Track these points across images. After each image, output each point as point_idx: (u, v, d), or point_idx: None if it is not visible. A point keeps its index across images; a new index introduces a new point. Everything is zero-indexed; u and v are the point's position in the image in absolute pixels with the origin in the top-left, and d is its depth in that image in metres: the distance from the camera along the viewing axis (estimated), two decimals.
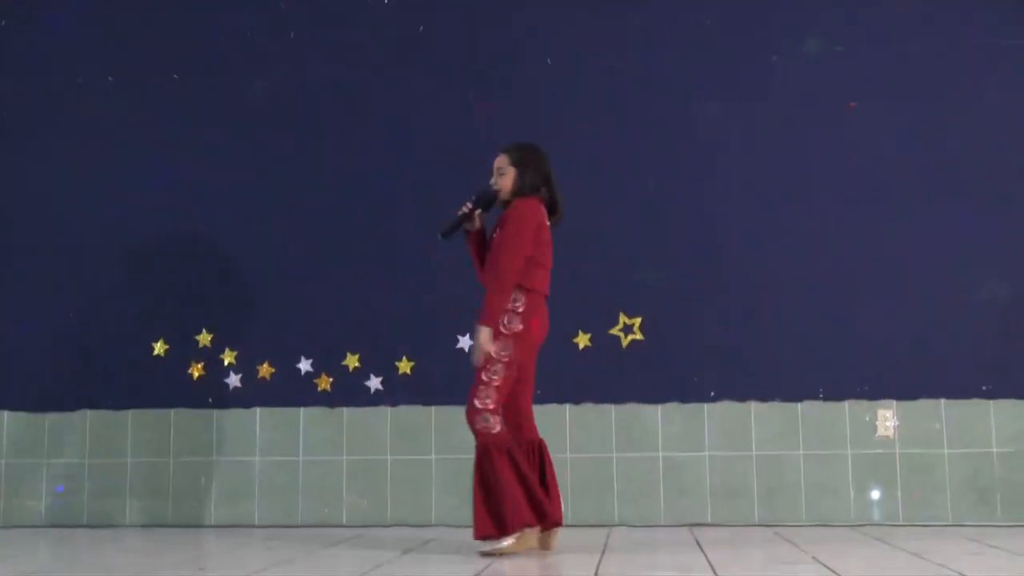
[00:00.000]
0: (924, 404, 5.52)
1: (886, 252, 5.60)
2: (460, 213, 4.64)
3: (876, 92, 5.68)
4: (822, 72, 5.72)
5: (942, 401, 5.51)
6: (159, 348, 5.89)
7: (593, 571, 3.88)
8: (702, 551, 4.43)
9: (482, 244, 4.70)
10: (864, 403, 5.54)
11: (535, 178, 4.59)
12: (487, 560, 4.21)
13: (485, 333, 4.37)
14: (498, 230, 4.57)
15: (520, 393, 4.60)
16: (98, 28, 6.14)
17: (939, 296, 5.56)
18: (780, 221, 5.66)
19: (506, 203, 4.62)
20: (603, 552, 4.44)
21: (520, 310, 4.48)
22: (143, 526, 5.74)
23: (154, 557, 4.44)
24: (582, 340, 5.66)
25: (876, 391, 5.53)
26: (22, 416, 5.93)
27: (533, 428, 4.63)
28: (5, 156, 6.12)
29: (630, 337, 5.66)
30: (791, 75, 5.74)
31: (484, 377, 4.41)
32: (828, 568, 3.87)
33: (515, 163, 4.60)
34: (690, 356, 5.62)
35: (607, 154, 5.77)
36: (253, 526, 5.70)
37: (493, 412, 4.39)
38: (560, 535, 4.60)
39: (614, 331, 5.67)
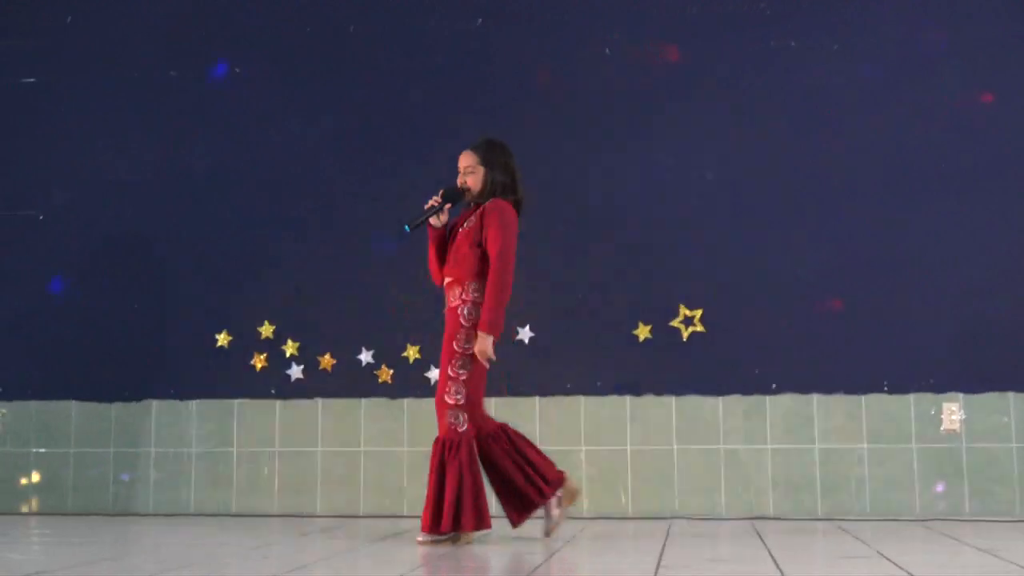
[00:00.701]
0: (991, 397, 5.43)
1: (951, 242, 5.51)
2: (428, 207, 4.63)
3: (951, 77, 5.60)
4: (886, 64, 5.64)
5: (1010, 394, 5.42)
6: (223, 339, 5.96)
7: (655, 563, 3.86)
8: (764, 544, 4.40)
9: (442, 240, 4.67)
10: (929, 396, 5.46)
11: (504, 176, 4.59)
12: (550, 550, 4.21)
13: (488, 342, 4.42)
14: (464, 226, 4.56)
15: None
16: (156, 23, 6.22)
17: (1006, 287, 5.46)
18: (844, 211, 5.59)
19: (477, 204, 4.61)
20: (664, 544, 4.42)
21: (480, 302, 4.49)
22: (207, 515, 5.81)
23: (218, 546, 4.49)
24: (643, 332, 5.64)
25: (942, 384, 5.46)
26: (90, 406, 6.02)
27: (488, 416, 4.62)
28: (77, 151, 6.21)
29: (691, 329, 5.63)
30: (855, 66, 5.66)
31: (451, 372, 4.44)
32: (894, 564, 3.82)
33: (484, 162, 4.60)
34: (752, 348, 5.58)
35: (665, 145, 5.74)
36: (315, 516, 5.74)
37: (463, 408, 4.44)
38: (620, 527, 4.59)
39: (675, 323, 5.64)
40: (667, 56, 5.79)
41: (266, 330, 5.92)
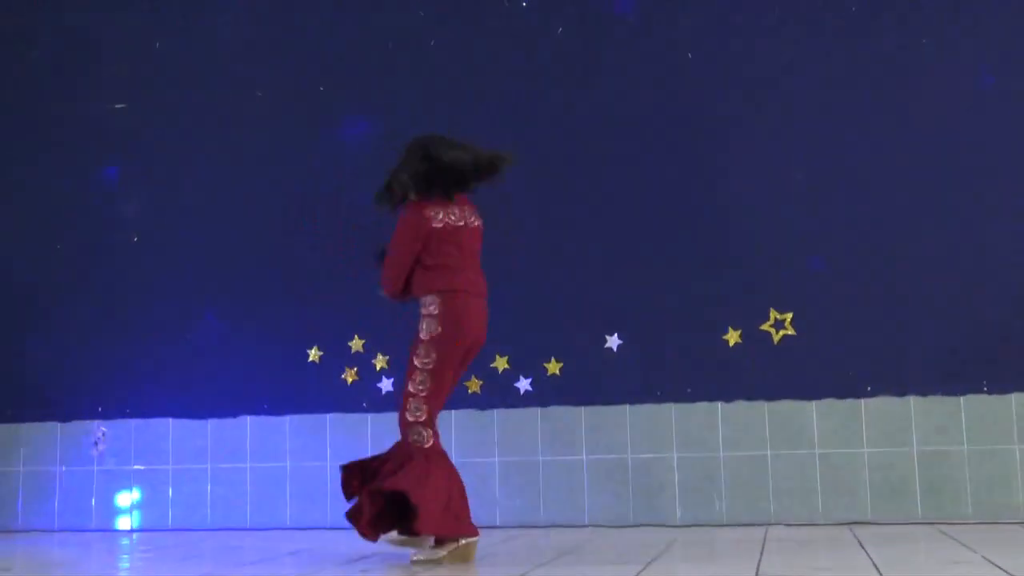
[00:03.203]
0: None
1: None
2: None
3: None
4: (991, 64, 5.53)
5: None
6: (314, 355, 6.03)
7: (754, 572, 3.81)
8: (864, 550, 4.32)
9: None
10: None
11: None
12: (645, 560, 4.18)
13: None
14: None
15: None
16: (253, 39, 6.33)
17: None
18: (935, 210, 5.47)
19: None
20: (762, 551, 4.36)
21: (435, 312, 4.31)
22: (303, 528, 5.88)
23: (315, 561, 4.54)
24: (732, 337, 5.58)
25: None
26: (187, 423, 6.14)
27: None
28: (167, 173, 6.33)
29: (781, 332, 5.56)
30: (950, 66, 5.55)
31: (411, 388, 4.28)
32: (1001, 569, 3.72)
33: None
34: (844, 350, 5.48)
35: (753, 147, 5.68)
36: None
37: (425, 425, 4.28)
38: (716, 534, 4.54)
39: (765, 327, 5.57)
40: (752, 60, 5.73)
41: (356, 344, 5.98)
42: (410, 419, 4.30)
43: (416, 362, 4.30)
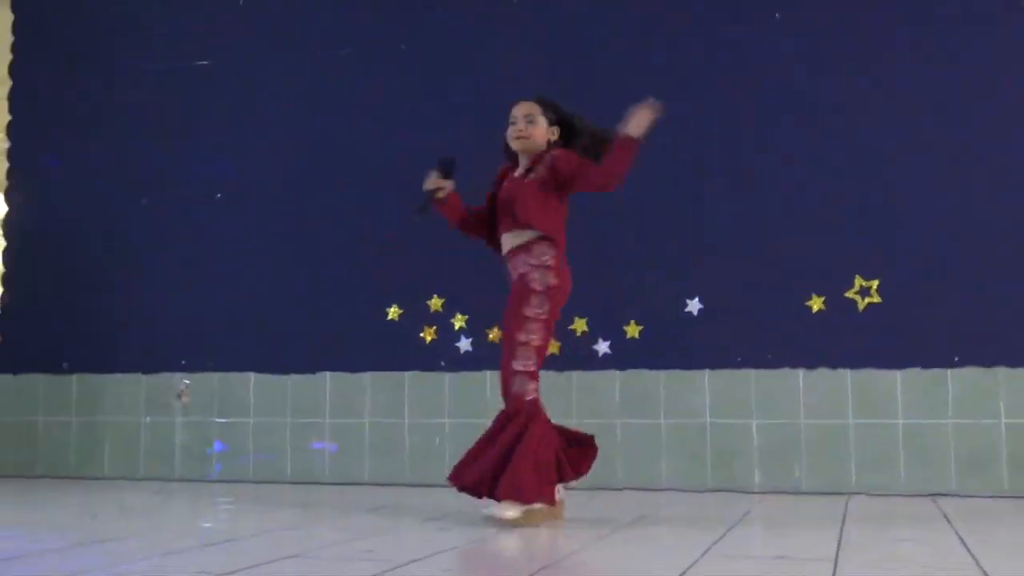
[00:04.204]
0: None
1: None
2: (427, 188, 4.49)
3: None
4: None
5: None
6: (393, 313, 6.06)
7: (836, 542, 3.77)
8: (951, 525, 4.24)
9: (459, 206, 4.55)
10: None
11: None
12: (726, 526, 4.15)
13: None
14: (533, 175, 4.37)
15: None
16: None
17: None
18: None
19: (540, 155, 4.42)
20: (843, 522, 4.31)
21: (550, 264, 4.29)
22: (381, 484, 5.93)
23: (394, 517, 4.58)
24: (816, 303, 5.50)
25: None
26: (267, 378, 6.21)
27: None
28: (250, 131, 6.38)
29: (867, 300, 5.46)
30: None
31: (522, 337, 4.21)
32: None
33: (549, 119, 4.45)
34: (932, 319, 5.37)
35: (843, 111, 5.56)
36: None
37: (531, 376, 4.22)
38: (795, 502, 4.48)
39: (850, 294, 5.48)
40: (837, 23, 5.60)
41: (435, 303, 6.00)
42: (518, 368, 4.23)
43: (528, 312, 4.24)
